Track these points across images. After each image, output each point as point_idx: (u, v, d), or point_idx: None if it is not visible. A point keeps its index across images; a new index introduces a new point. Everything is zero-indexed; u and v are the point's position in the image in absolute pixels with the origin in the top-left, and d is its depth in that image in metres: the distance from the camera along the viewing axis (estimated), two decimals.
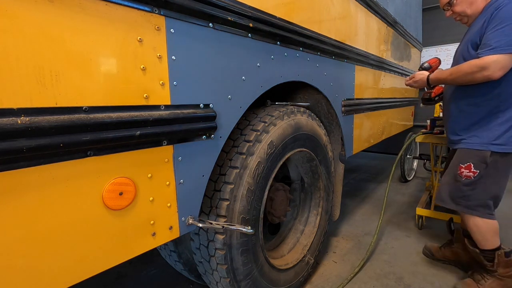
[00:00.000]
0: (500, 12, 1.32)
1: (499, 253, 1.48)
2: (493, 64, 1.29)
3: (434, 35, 4.26)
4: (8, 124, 0.53)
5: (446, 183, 1.57)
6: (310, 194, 1.70)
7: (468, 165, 1.45)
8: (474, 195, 1.46)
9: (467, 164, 1.46)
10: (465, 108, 1.50)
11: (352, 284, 1.67)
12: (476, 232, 1.50)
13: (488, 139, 1.41)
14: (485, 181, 1.43)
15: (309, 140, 1.48)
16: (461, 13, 1.52)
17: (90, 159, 0.67)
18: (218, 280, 1.17)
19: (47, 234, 0.62)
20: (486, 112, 1.42)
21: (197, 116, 0.88)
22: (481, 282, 1.53)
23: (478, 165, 1.43)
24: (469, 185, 1.46)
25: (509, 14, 1.30)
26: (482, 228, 1.48)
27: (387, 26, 2.53)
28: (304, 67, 1.41)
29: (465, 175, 1.47)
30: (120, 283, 1.74)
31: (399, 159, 2.36)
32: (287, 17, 1.23)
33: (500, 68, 1.29)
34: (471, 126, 1.47)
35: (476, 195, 1.45)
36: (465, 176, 1.47)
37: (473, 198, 1.46)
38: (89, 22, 0.64)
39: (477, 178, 1.44)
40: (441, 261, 1.87)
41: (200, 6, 0.85)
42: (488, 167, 1.41)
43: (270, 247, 1.59)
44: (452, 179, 1.53)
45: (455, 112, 1.55)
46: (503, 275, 1.49)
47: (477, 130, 1.45)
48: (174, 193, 0.88)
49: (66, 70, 0.61)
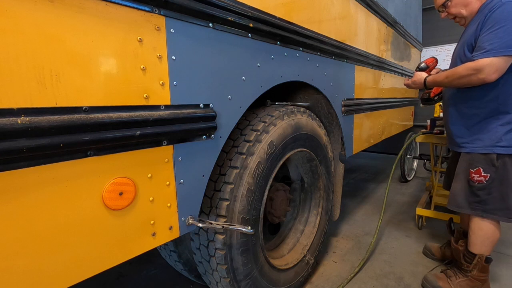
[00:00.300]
0: (494, 14, 1.31)
1: (480, 256, 1.48)
2: (487, 67, 1.29)
3: (434, 35, 4.26)
4: (8, 124, 0.53)
5: (460, 189, 1.52)
6: (310, 194, 1.70)
7: (478, 169, 1.43)
8: (491, 199, 1.42)
9: (477, 168, 1.44)
10: (465, 111, 1.48)
11: (352, 284, 1.67)
12: (478, 235, 1.49)
13: (491, 142, 1.39)
14: (499, 184, 1.40)
15: (309, 140, 1.48)
16: (457, 14, 1.51)
17: (90, 159, 0.67)
18: (218, 280, 1.17)
19: (47, 234, 0.62)
20: (486, 114, 1.41)
21: (197, 116, 0.88)
22: (452, 279, 1.54)
23: (487, 168, 1.41)
24: (483, 189, 1.43)
25: (503, 16, 1.29)
26: (485, 232, 1.47)
27: (387, 26, 2.53)
28: (304, 67, 1.41)
29: (477, 180, 1.44)
30: (120, 283, 1.74)
31: (399, 159, 2.36)
32: (287, 17, 1.23)
33: (494, 71, 1.29)
34: (472, 129, 1.46)
35: (493, 199, 1.42)
36: (477, 181, 1.44)
37: (491, 202, 1.42)
38: (89, 22, 0.64)
39: (490, 182, 1.41)
40: (441, 261, 1.88)
41: (200, 6, 0.85)
42: (498, 169, 1.39)
43: (270, 247, 1.59)
44: (465, 184, 1.50)
45: (455, 115, 1.54)
46: (476, 278, 1.50)
47: (478, 132, 1.43)
48: (174, 193, 0.88)
49: (66, 70, 0.61)
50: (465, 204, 1.51)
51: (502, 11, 1.30)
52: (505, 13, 1.29)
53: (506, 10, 1.29)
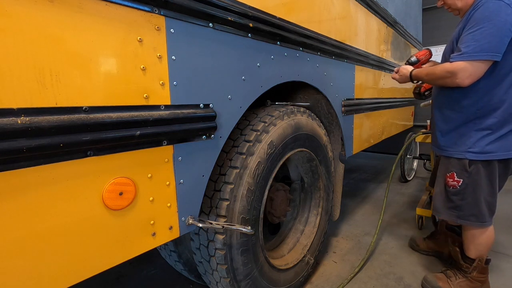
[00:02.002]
0: (476, 13, 1.25)
1: (480, 259, 1.48)
2: (461, 71, 1.25)
3: (434, 35, 4.26)
4: (8, 124, 0.53)
5: (438, 193, 1.53)
6: (310, 194, 1.70)
7: (452, 174, 1.42)
8: (465, 205, 1.41)
9: (451, 173, 1.43)
10: (447, 113, 1.45)
11: (352, 284, 1.67)
12: (471, 242, 1.48)
13: (465, 147, 1.37)
14: (472, 190, 1.38)
15: (309, 140, 1.48)
16: (451, 5, 1.45)
17: (90, 159, 0.67)
18: (218, 280, 1.17)
19: (47, 234, 0.62)
20: (465, 118, 1.37)
21: (197, 116, 0.88)
22: (451, 279, 1.54)
23: (460, 173, 1.40)
24: (457, 194, 1.42)
25: (482, 16, 1.22)
26: (478, 239, 1.46)
27: (387, 26, 2.53)
28: (304, 67, 1.41)
29: (451, 185, 1.43)
30: (120, 283, 1.74)
31: (399, 159, 2.37)
32: (287, 17, 1.23)
33: (468, 76, 1.25)
34: (452, 132, 1.43)
35: (467, 205, 1.41)
36: (451, 186, 1.43)
37: (465, 208, 1.42)
38: (89, 22, 0.64)
39: (463, 187, 1.40)
40: (425, 252, 1.95)
41: (200, 6, 0.85)
42: (471, 175, 1.37)
43: (270, 247, 1.59)
44: (443, 189, 1.50)
45: (438, 117, 1.51)
46: (476, 279, 1.50)
47: (455, 136, 1.41)
48: (174, 193, 0.88)
49: (66, 70, 0.61)
50: (442, 210, 1.50)
51: (483, 10, 1.22)
52: (486, 13, 1.21)
53: (488, 9, 1.21)
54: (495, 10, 1.19)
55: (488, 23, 1.19)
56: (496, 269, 1.78)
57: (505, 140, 1.31)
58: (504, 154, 1.32)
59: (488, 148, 1.32)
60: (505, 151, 1.31)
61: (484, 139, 1.33)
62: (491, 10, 1.20)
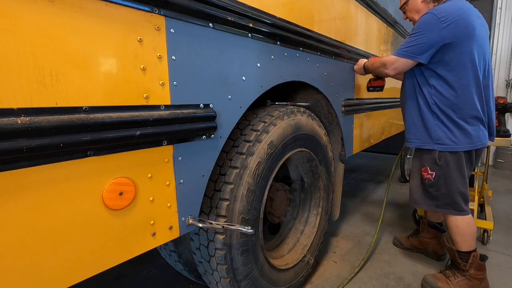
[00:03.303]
0: (418, 21, 1.46)
1: (474, 254, 1.52)
2: (388, 63, 1.53)
3: None
4: (8, 124, 0.53)
5: (416, 186, 1.63)
6: (310, 194, 1.70)
7: (426, 168, 1.55)
8: (440, 195, 1.53)
9: (425, 167, 1.55)
10: (410, 107, 1.59)
11: (352, 284, 1.67)
12: (456, 233, 1.55)
13: (431, 139, 1.49)
14: (444, 181, 1.50)
15: (309, 140, 1.48)
16: (411, 19, 1.66)
17: (90, 159, 0.67)
18: (218, 280, 1.17)
19: (47, 234, 0.62)
20: (426, 112, 1.50)
21: (197, 116, 0.88)
22: (450, 279, 1.57)
23: (432, 167, 1.52)
24: (433, 186, 1.54)
25: (419, 24, 1.42)
26: (461, 228, 1.53)
27: (387, 26, 2.53)
28: (304, 67, 1.41)
29: (426, 178, 1.55)
30: (120, 283, 1.74)
31: (399, 159, 2.37)
32: (287, 17, 1.23)
33: (393, 68, 1.52)
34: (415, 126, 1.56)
35: (441, 195, 1.53)
36: (426, 179, 1.55)
37: (440, 198, 1.54)
38: (89, 22, 0.64)
39: (437, 179, 1.52)
40: (409, 250, 2.01)
41: (200, 6, 0.85)
42: (441, 167, 1.49)
43: (270, 247, 1.59)
44: (419, 182, 1.61)
45: (405, 110, 1.64)
46: (473, 277, 1.53)
47: (420, 130, 1.54)
48: (174, 193, 0.88)
49: (66, 70, 0.61)
50: (421, 200, 1.62)
51: (422, 20, 1.43)
52: (421, 22, 1.42)
53: (423, 20, 1.41)
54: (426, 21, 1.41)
55: (419, 31, 1.42)
56: (496, 269, 1.78)
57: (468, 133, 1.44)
58: (467, 147, 1.45)
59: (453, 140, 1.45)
60: (467, 144, 1.45)
61: (446, 131, 1.46)
62: (425, 20, 1.42)
